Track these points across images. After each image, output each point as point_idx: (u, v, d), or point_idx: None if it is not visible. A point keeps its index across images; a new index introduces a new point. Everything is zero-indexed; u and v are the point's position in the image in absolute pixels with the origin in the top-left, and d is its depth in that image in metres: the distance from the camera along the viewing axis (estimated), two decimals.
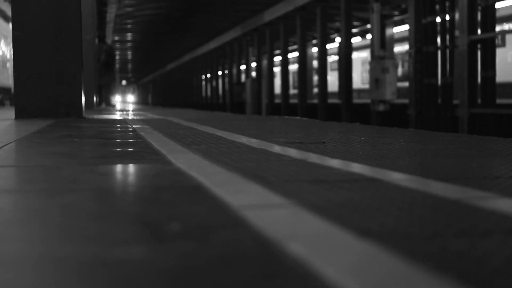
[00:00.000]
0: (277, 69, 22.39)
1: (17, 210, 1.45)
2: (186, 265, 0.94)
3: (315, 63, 22.38)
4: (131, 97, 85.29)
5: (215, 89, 31.22)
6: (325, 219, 1.24)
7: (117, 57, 39.68)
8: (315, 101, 17.84)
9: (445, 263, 0.93)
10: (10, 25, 7.08)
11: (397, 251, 0.99)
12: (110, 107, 16.48)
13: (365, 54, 22.66)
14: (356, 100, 15.61)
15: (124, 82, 79.67)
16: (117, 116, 8.29)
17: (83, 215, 1.33)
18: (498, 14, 10.05)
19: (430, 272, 0.88)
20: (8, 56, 20.13)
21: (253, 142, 3.28)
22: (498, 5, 10.33)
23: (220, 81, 29.91)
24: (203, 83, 34.57)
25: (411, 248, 1.01)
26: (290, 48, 19.95)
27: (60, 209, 1.41)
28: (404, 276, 0.87)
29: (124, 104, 28.99)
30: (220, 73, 29.86)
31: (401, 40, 20.21)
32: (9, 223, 1.28)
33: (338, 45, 17.88)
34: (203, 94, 34.40)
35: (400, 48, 20.47)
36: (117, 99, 74.01)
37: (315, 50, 22.58)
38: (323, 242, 1.06)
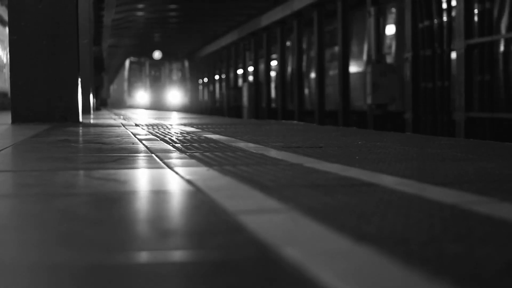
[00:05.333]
0: (274, 73, 22.37)
1: (13, 215, 1.45)
2: (184, 271, 0.93)
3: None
4: (176, 96, 35.85)
5: (212, 93, 31.18)
6: (322, 224, 1.24)
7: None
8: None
9: (442, 268, 0.93)
10: (7, 29, 7.07)
11: (394, 256, 0.99)
12: (99, 108, 16.43)
13: None
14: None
15: (157, 54, 34.73)
16: (113, 120, 8.28)
17: (80, 220, 1.33)
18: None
19: (427, 277, 0.88)
20: (4, 61, 20.11)
21: (250, 147, 3.28)
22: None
23: (217, 85, 29.84)
24: (200, 87, 34.42)
25: (408, 253, 1.01)
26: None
27: (56, 214, 1.40)
28: (401, 281, 0.87)
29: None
30: (217, 77, 29.77)
31: None
32: (5, 228, 1.28)
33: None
34: (200, 98, 34.27)
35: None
36: (140, 99, 34.91)
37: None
38: (320, 247, 1.06)
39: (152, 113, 14.04)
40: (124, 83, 37.22)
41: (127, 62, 36.27)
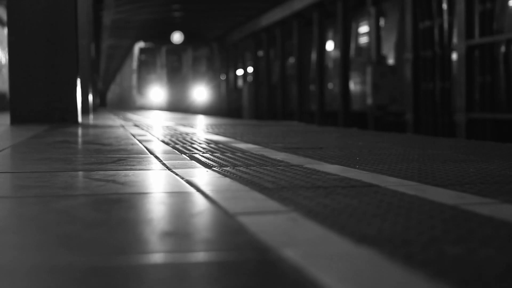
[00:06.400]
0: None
1: (12, 217, 1.44)
2: (184, 272, 0.93)
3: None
4: (203, 93, 25.46)
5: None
6: (322, 225, 1.24)
7: None
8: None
9: (442, 269, 0.92)
10: (6, 30, 7.07)
11: (395, 258, 0.99)
12: None
13: None
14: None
15: (177, 37, 24.66)
16: (112, 121, 8.28)
17: (79, 222, 1.32)
18: None
19: (428, 279, 0.87)
20: (3, 61, 20.13)
21: (251, 148, 3.27)
22: None
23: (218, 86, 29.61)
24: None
25: (408, 255, 1.01)
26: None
27: (55, 215, 1.40)
28: (401, 283, 0.86)
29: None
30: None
31: None
32: (4, 229, 1.27)
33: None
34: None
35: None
36: (154, 97, 24.49)
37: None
38: (320, 249, 1.05)
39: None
40: (132, 77, 26.78)
41: (136, 48, 25.71)
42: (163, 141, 3.82)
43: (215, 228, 1.25)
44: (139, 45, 25.58)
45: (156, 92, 25.48)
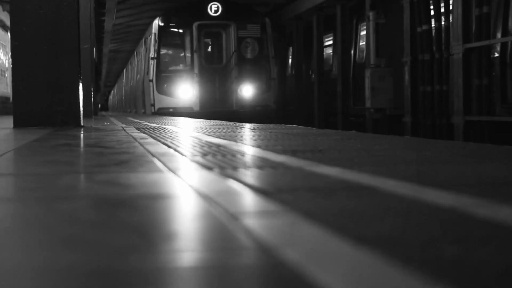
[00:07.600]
0: None
1: (15, 219, 1.46)
2: (185, 273, 0.94)
3: None
4: (249, 91, 16.20)
5: None
6: (321, 227, 1.25)
7: None
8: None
9: (440, 271, 0.93)
10: (9, 34, 7.09)
11: (394, 259, 1.00)
12: None
13: None
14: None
15: (215, 9, 15.70)
16: (114, 124, 8.29)
17: (82, 223, 1.34)
18: None
19: (426, 280, 0.88)
20: (6, 65, 20.17)
21: (250, 150, 3.29)
22: None
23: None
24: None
25: (406, 256, 1.02)
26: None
27: (58, 217, 1.41)
28: (400, 284, 0.87)
29: None
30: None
31: None
32: (8, 231, 1.29)
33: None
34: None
35: None
36: (183, 95, 16.32)
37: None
38: (319, 250, 1.07)
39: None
40: (148, 69, 17.86)
41: (155, 27, 17.38)
42: (165, 144, 3.84)
43: (216, 229, 1.26)
44: (160, 20, 17.16)
45: (185, 89, 16.83)
